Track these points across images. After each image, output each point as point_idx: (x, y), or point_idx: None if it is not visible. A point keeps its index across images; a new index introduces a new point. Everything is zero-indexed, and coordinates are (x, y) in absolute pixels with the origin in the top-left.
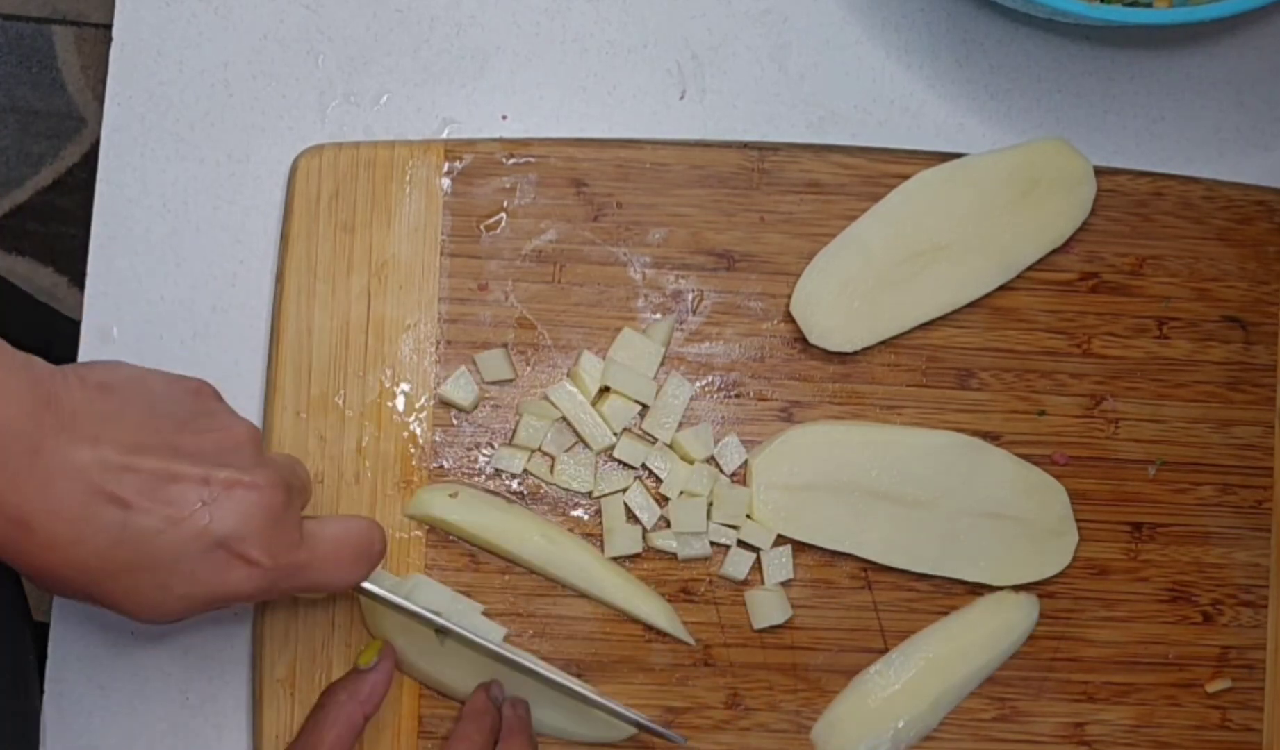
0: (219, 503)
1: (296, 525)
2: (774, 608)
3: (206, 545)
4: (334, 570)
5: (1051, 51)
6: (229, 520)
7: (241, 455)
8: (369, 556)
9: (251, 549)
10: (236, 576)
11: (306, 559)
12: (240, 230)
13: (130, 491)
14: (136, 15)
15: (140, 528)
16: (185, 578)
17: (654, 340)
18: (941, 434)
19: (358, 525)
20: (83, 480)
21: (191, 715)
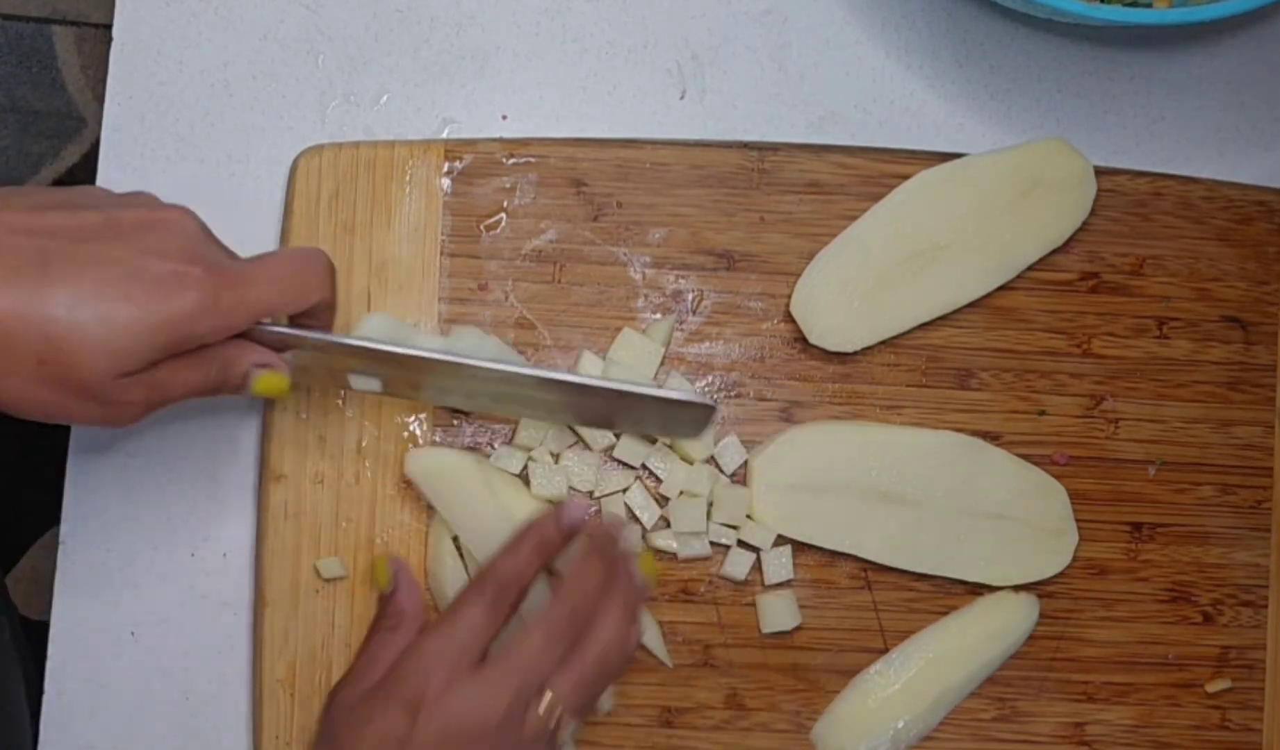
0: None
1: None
2: (784, 613)
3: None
4: (286, 284)
5: (1051, 51)
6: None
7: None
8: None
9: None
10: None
11: (247, 272)
12: (240, 230)
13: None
14: (136, 15)
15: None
16: (121, 306)
17: (654, 340)
18: (942, 434)
19: (300, 250)
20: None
21: (191, 715)
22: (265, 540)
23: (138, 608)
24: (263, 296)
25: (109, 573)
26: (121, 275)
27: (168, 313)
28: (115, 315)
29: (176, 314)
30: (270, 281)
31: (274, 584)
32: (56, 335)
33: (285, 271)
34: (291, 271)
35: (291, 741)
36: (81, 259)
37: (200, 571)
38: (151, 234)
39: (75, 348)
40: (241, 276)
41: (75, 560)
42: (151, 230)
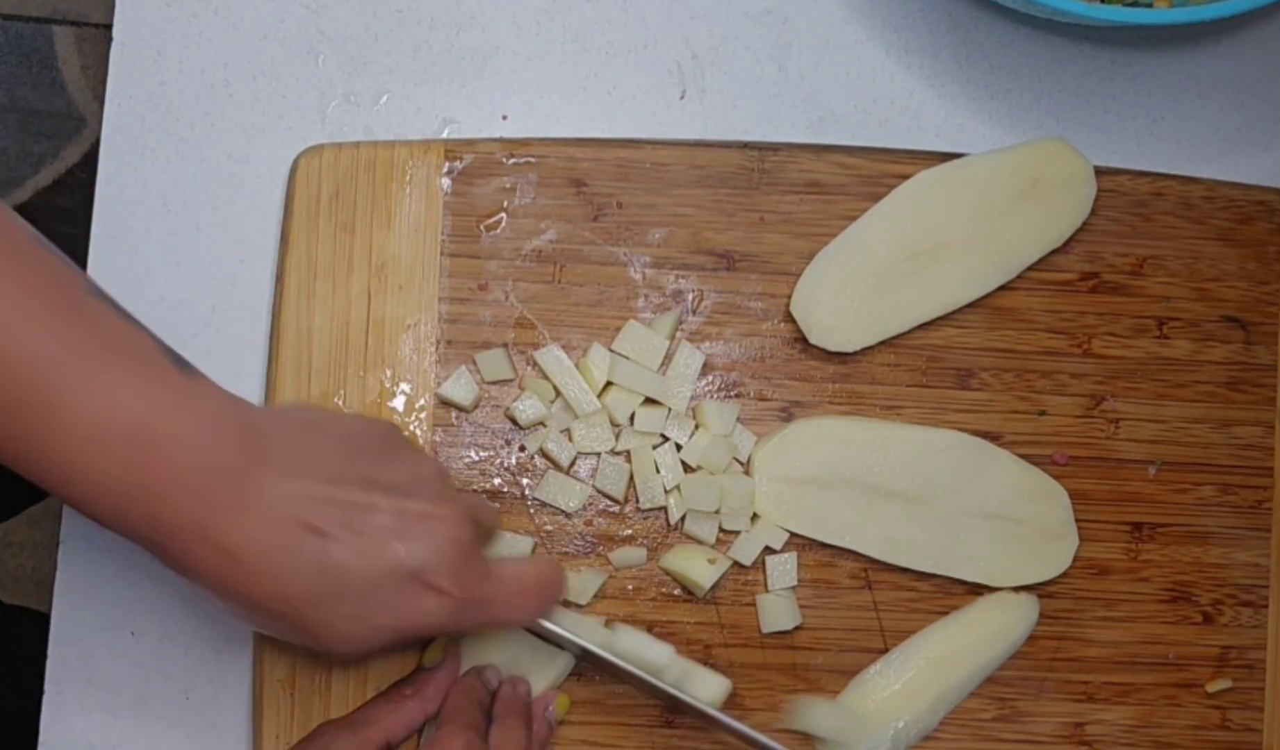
0: (412, 534)
1: (483, 559)
2: (784, 613)
3: (400, 576)
4: (518, 606)
5: (1051, 51)
6: (421, 551)
7: (430, 489)
8: (551, 595)
9: (442, 579)
10: (427, 606)
11: (492, 592)
12: (240, 230)
13: (330, 523)
14: (136, 15)
15: (339, 558)
16: (379, 608)
17: (659, 333)
18: (945, 433)
19: (542, 564)
20: (286, 511)
21: (191, 715)
22: None
23: (138, 608)
24: (499, 617)
25: (109, 573)
26: (388, 582)
27: (413, 624)
28: (366, 619)
29: (422, 625)
30: (511, 605)
31: None
32: (309, 623)
33: (529, 599)
34: (533, 600)
35: (291, 741)
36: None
37: None
38: (426, 539)
39: (320, 633)
40: (489, 600)
41: (75, 560)
42: (427, 534)
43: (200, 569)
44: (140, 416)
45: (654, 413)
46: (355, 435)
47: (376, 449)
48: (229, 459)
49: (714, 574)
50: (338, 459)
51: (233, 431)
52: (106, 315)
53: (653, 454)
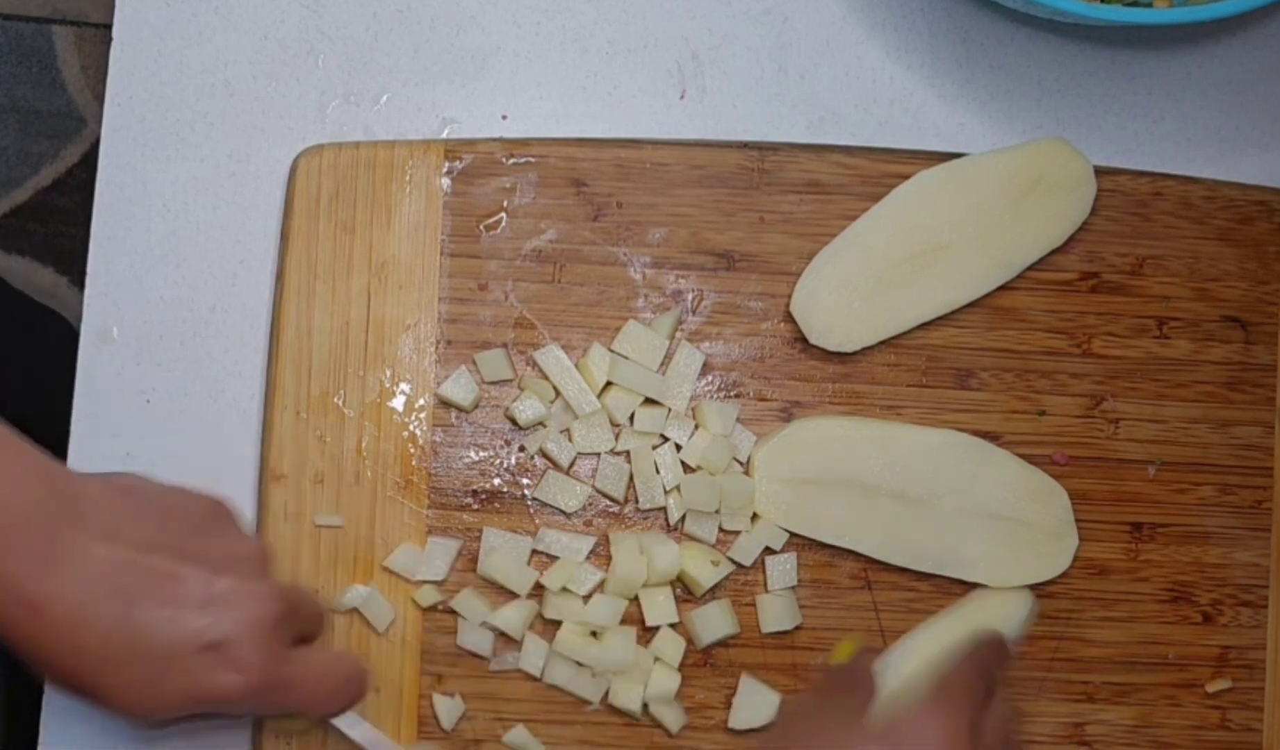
0: (216, 607)
1: (287, 643)
2: (784, 613)
3: (200, 646)
4: (318, 695)
5: (1051, 51)
6: (224, 625)
7: (246, 567)
8: (352, 691)
9: (243, 654)
10: (225, 680)
11: (293, 677)
12: (240, 230)
13: (136, 586)
14: (136, 15)
15: (141, 621)
16: (176, 676)
17: (659, 333)
18: (945, 433)
19: (345, 659)
20: (93, 570)
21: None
22: (265, 540)
23: None
24: (299, 703)
25: None
26: (187, 652)
27: (209, 695)
28: (160, 684)
29: (216, 697)
30: (312, 694)
31: None
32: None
33: (329, 690)
34: (334, 689)
35: (291, 741)
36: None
37: None
38: (234, 613)
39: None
40: (289, 684)
41: None
42: (237, 609)
43: (4, 623)
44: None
45: (654, 413)
46: (175, 507)
47: (195, 522)
48: (36, 512)
49: (716, 576)
50: (153, 527)
51: (40, 485)
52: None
53: (652, 454)
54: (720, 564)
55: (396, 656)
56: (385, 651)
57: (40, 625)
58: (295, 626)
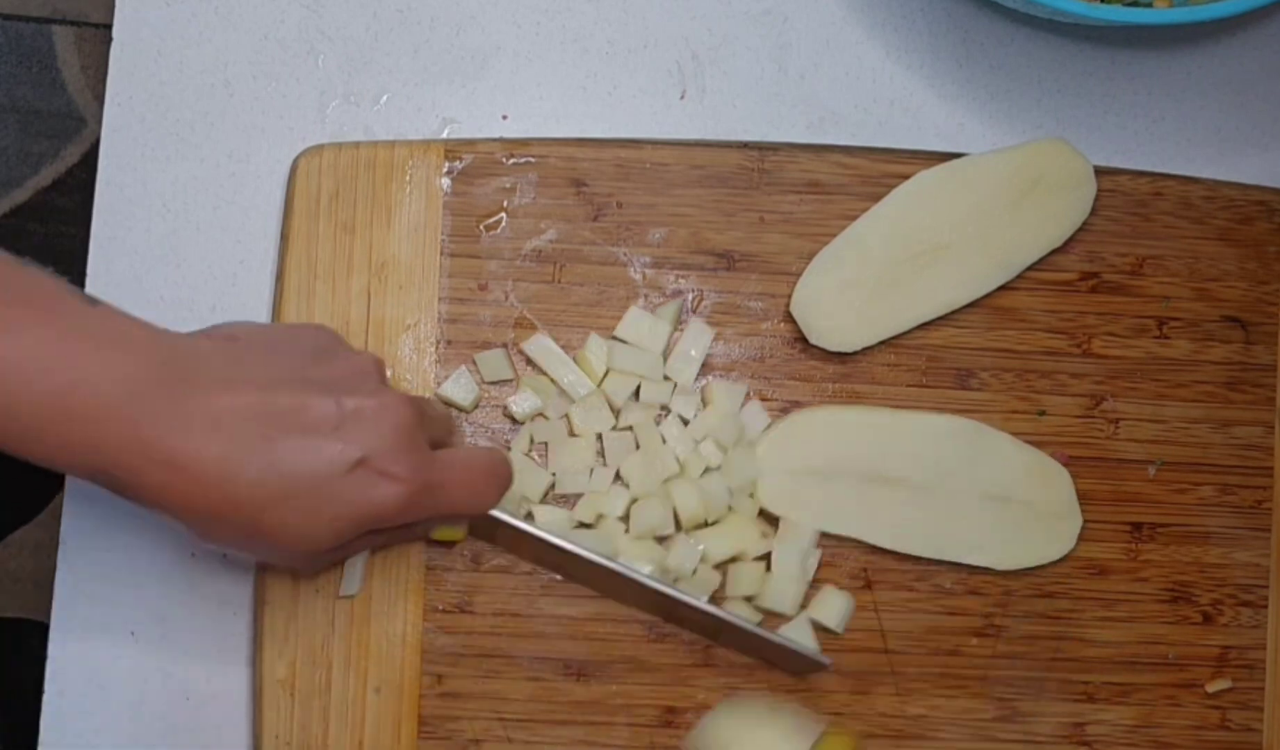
0: (353, 425)
1: (427, 446)
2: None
3: (346, 465)
4: (470, 491)
5: (1051, 51)
6: (366, 439)
7: (368, 380)
8: (500, 479)
9: (390, 464)
10: (380, 493)
11: (442, 478)
12: (240, 230)
13: (269, 425)
14: (136, 15)
15: (283, 457)
16: (331, 499)
17: (663, 320)
18: (946, 418)
19: (486, 451)
20: (224, 422)
21: (191, 715)
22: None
23: (138, 608)
24: (454, 503)
25: (109, 573)
26: (336, 474)
27: (368, 512)
28: (320, 512)
29: (376, 513)
30: (463, 490)
31: (274, 584)
32: (265, 526)
33: (480, 482)
34: (484, 482)
35: (291, 741)
36: (302, 456)
37: (200, 571)
38: (371, 427)
39: (278, 536)
40: (440, 485)
41: (75, 560)
42: (373, 422)
43: (149, 486)
44: (61, 353)
45: (659, 387)
46: (285, 341)
47: (307, 349)
48: (156, 379)
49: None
50: (269, 365)
51: (154, 353)
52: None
53: (658, 429)
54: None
55: (397, 656)
56: (385, 651)
57: (189, 484)
58: (429, 431)
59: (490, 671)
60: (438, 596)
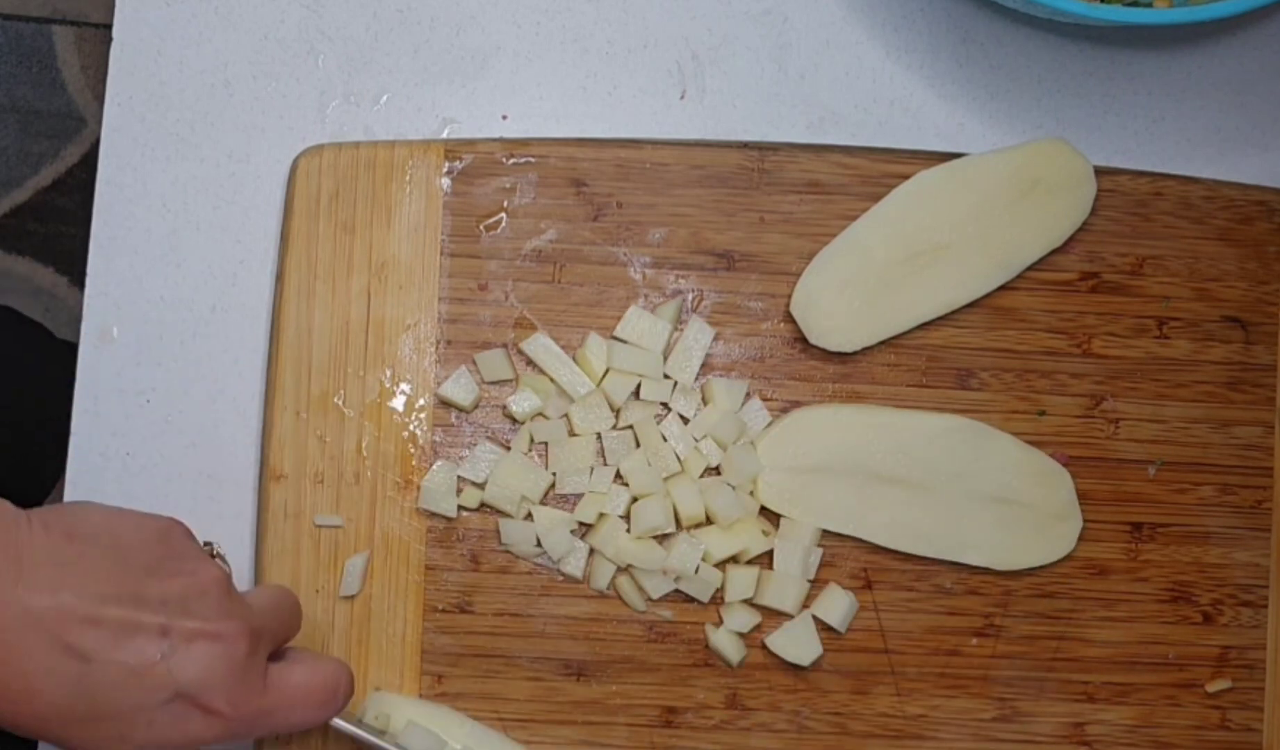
0: (180, 654)
1: (261, 673)
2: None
3: (166, 697)
4: (299, 714)
5: (1051, 51)
6: (190, 671)
7: (207, 602)
8: (334, 701)
9: (213, 699)
10: (197, 726)
11: (271, 705)
12: (240, 230)
13: (90, 644)
14: (136, 15)
15: (99, 680)
16: (144, 727)
17: (663, 319)
18: (946, 418)
19: (324, 669)
20: (41, 631)
21: None
22: (265, 540)
23: None
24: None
25: None
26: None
27: (182, 743)
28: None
29: (191, 744)
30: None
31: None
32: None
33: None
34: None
35: (291, 742)
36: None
37: None
38: (199, 658)
39: None
40: (267, 713)
41: None
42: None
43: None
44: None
45: (659, 386)
46: (127, 543)
47: (149, 557)
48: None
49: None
50: (104, 572)
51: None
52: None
53: (658, 427)
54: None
55: (397, 656)
56: (385, 651)
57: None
58: (269, 645)
59: (490, 671)
60: (438, 596)
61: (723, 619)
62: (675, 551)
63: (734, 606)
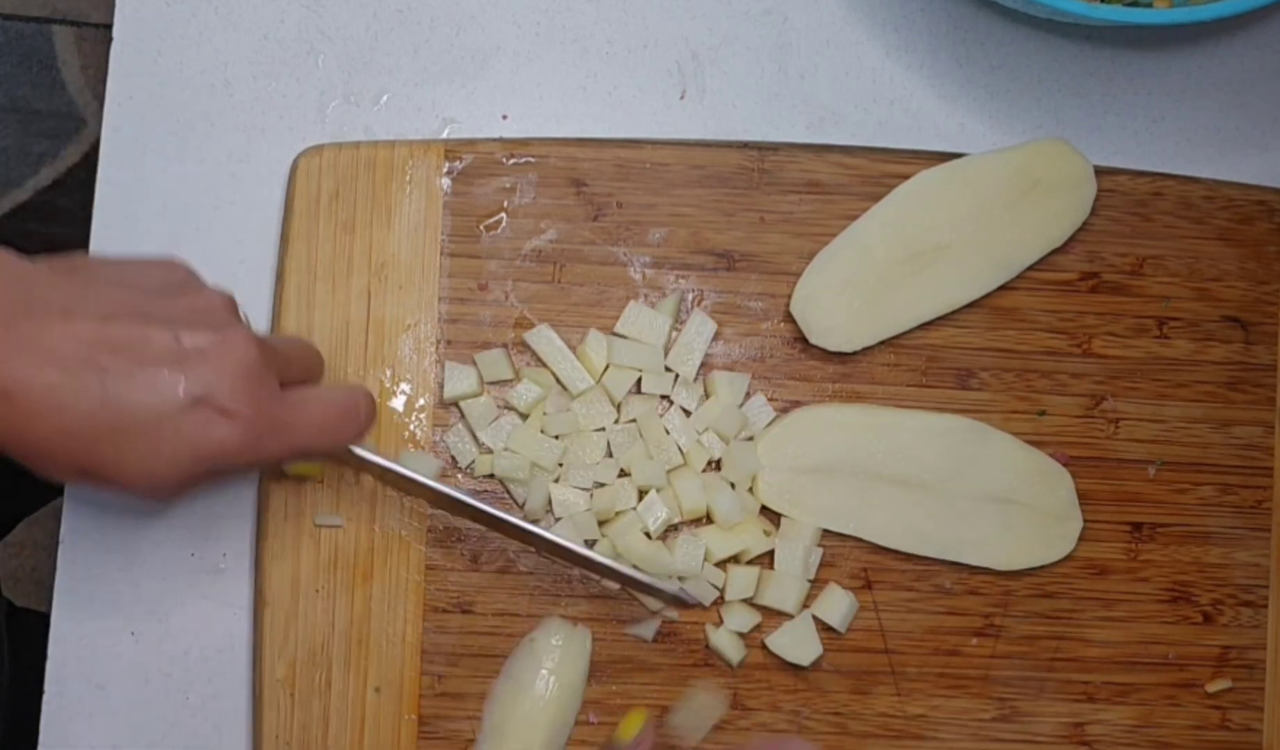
0: (192, 361)
1: (275, 383)
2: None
3: (184, 402)
4: (320, 430)
5: (1051, 51)
6: (204, 376)
7: (214, 317)
8: (355, 418)
9: (229, 401)
10: (219, 431)
11: (290, 416)
12: (240, 230)
13: (105, 356)
14: (136, 15)
15: (118, 391)
16: (169, 437)
17: (663, 313)
18: (946, 418)
19: (345, 389)
20: (59, 351)
21: (191, 715)
22: (265, 540)
23: (138, 608)
24: (302, 442)
25: (109, 573)
26: (173, 410)
27: (207, 450)
28: (157, 450)
29: (215, 452)
30: (314, 428)
31: (274, 584)
32: (100, 460)
33: (332, 419)
34: (337, 420)
35: (291, 741)
36: (138, 390)
37: (200, 571)
38: (212, 363)
39: (114, 471)
40: (287, 424)
41: (75, 560)
42: (215, 359)
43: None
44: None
45: (660, 379)
46: (130, 275)
47: (153, 283)
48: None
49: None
50: (112, 297)
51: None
52: None
53: (660, 420)
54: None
55: (397, 656)
56: (385, 651)
57: (19, 414)
58: (283, 369)
59: (490, 671)
60: (438, 596)
61: (723, 619)
62: (677, 551)
63: (734, 606)
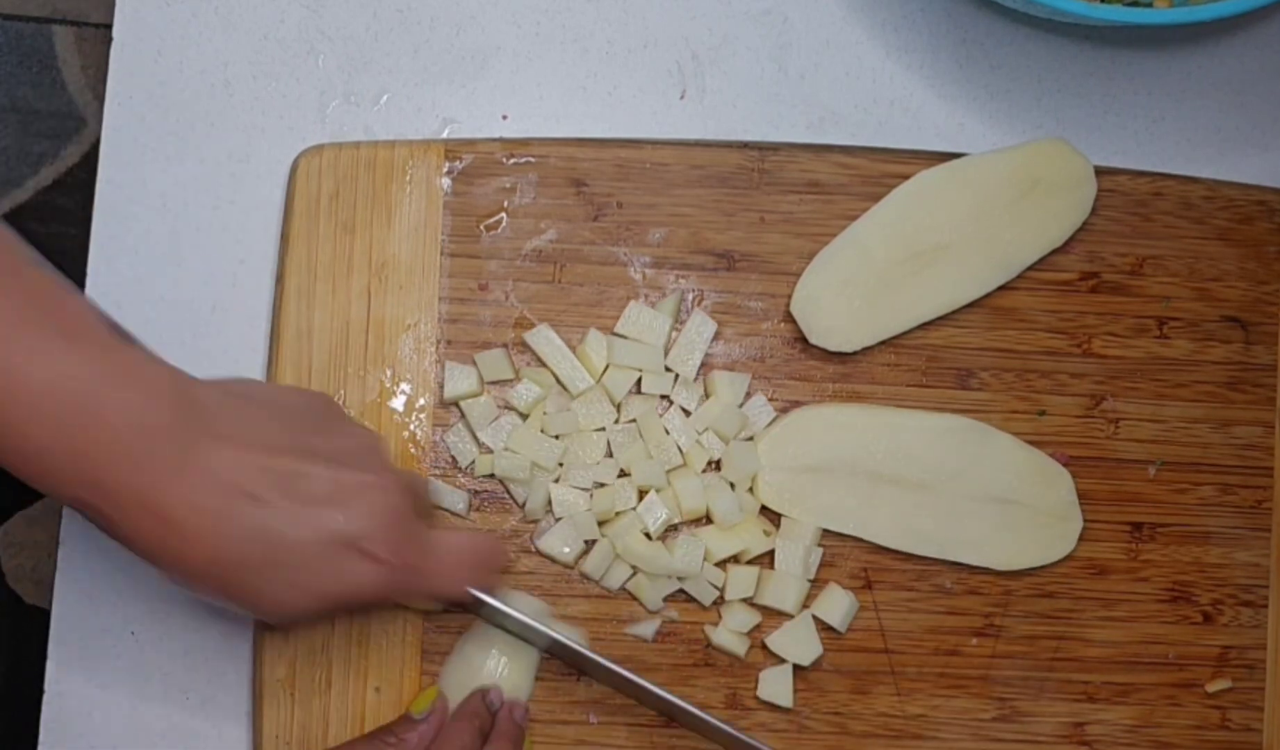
0: (348, 502)
1: (419, 529)
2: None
3: (335, 542)
4: (452, 575)
5: (1051, 51)
6: (357, 519)
7: (369, 458)
8: (487, 566)
9: (377, 547)
10: (362, 573)
11: (427, 562)
12: (240, 230)
13: (266, 489)
14: (136, 15)
15: (275, 524)
16: (315, 574)
17: (663, 313)
18: (946, 417)
19: (482, 538)
20: (224, 479)
21: (191, 715)
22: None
23: (138, 608)
24: (434, 589)
25: (109, 573)
26: (324, 550)
27: (349, 592)
28: (302, 585)
29: (355, 593)
30: (447, 579)
31: None
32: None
33: (466, 569)
34: (472, 569)
35: (291, 741)
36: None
37: None
38: (365, 506)
39: (256, 600)
40: (423, 569)
41: (75, 560)
42: (364, 502)
43: (138, 535)
44: (81, 384)
45: (660, 379)
46: (292, 407)
47: (313, 420)
48: (168, 426)
49: (769, 544)
50: (275, 429)
51: (172, 400)
52: (47, 285)
53: (660, 420)
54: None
55: (397, 656)
56: (385, 651)
57: (177, 537)
58: (420, 512)
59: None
60: None
61: (722, 619)
62: (677, 551)
63: (734, 605)
